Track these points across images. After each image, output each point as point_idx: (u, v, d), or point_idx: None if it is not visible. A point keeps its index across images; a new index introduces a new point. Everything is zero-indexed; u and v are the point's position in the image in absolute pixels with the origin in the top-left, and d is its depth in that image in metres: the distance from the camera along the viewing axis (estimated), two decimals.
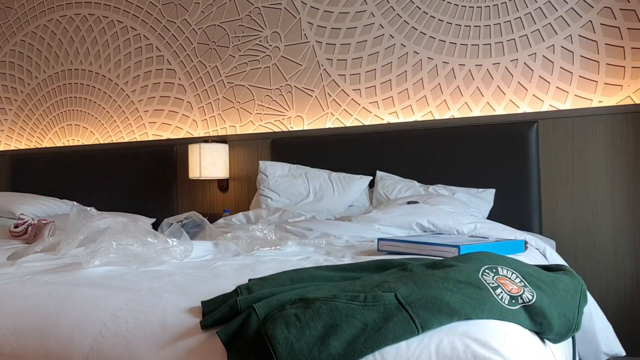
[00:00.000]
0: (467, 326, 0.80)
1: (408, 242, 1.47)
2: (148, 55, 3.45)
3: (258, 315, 0.83)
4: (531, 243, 1.80)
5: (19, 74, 3.92)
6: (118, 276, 1.17)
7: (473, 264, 0.94)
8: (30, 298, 1.05)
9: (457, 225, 1.88)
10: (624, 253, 2.39)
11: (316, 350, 0.76)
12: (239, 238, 1.62)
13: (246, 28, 3.19)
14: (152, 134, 3.46)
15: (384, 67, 2.87)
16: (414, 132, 2.72)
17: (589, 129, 2.45)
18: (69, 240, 1.42)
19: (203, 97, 3.31)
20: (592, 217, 2.44)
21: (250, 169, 3.14)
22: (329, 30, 2.99)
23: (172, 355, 0.87)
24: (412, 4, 2.81)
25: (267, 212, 2.40)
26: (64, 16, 3.74)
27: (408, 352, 0.77)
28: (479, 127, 2.59)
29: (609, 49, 2.45)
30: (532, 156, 2.48)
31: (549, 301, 0.89)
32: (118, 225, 1.41)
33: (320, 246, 1.70)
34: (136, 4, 3.49)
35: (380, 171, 2.72)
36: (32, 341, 0.96)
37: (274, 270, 1.19)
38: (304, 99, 3.05)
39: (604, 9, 2.45)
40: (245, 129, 3.20)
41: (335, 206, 2.57)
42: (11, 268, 1.31)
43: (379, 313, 0.79)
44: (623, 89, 2.43)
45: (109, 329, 0.93)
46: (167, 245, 1.38)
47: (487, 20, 2.66)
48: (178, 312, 0.94)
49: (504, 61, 2.63)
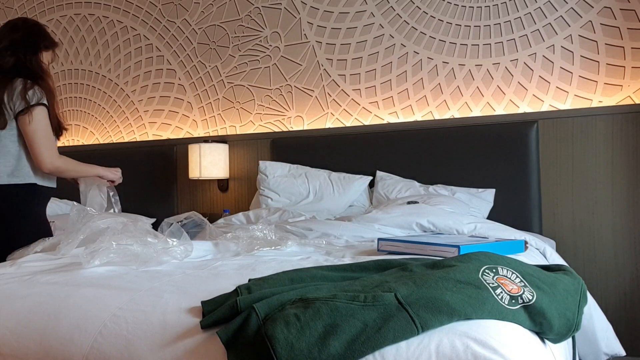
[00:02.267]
0: (467, 326, 0.80)
1: (408, 242, 1.47)
2: (148, 55, 3.45)
3: (258, 315, 0.83)
4: (531, 243, 1.80)
5: None
6: (118, 276, 1.17)
7: (473, 264, 0.94)
8: (30, 298, 1.05)
9: (457, 225, 1.88)
10: (624, 253, 2.39)
11: (316, 350, 0.76)
12: (239, 238, 1.62)
13: (246, 28, 3.19)
14: (152, 134, 3.46)
15: (384, 67, 2.87)
16: (414, 132, 2.72)
17: (589, 129, 2.45)
18: (69, 240, 1.42)
19: (203, 97, 3.31)
20: (592, 217, 2.44)
21: (250, 169, 3.14)
22: (329, 30, 2.99)
23: (172, 355, 0.87)
24: (412, 4, 2.81)
25: (267, 212, 2.40)
26: (64, 16, 3.74)
27: (408, 352, 0.77)
28: (479, 127, 2.59)
29: (609, 49, 2.45)
30: (532, 156, 2.48)
31: (549, 301, 0.89)
32: (118, 225, 1.41)
33: (320, 246, 1.70)
34: (136, 4, 3.49)
35: (380, 171, 2.72)
36: (32, 341, 0.96)
37: (274, 270, 1.19)
38: (304, 99, 3.05)
39: (604, 9, 2.45)
40: (245, 129, 3.20)
41: (335, 206, 2.57)
42: (11, 268, 1.31)
43: (379, 313, 0.79)
44: (623, 89, 2.43)
45: (109, 329, 0.93)
46: (167, 245, 1.38)
47: (487, 20, 2.66)
48: (178, 312, 0.94)
49: (504, 61, 2.63)
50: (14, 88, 1.92)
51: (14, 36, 1.98)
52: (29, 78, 1.95)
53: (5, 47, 1.97)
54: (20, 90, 1.91)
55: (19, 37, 1.99)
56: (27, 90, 1.91)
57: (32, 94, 1.91)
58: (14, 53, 1.97)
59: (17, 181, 1.95)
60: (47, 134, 1.94)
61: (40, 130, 1.92)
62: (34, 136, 1.91)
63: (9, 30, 2.00)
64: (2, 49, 1.96)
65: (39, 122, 1.92)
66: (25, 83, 1.93)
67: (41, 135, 1.92)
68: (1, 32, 2.01)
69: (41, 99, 1.93)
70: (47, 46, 2.06)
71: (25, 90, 1.91)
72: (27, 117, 1.90)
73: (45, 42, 2.05)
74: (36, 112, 1.91)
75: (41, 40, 2.04)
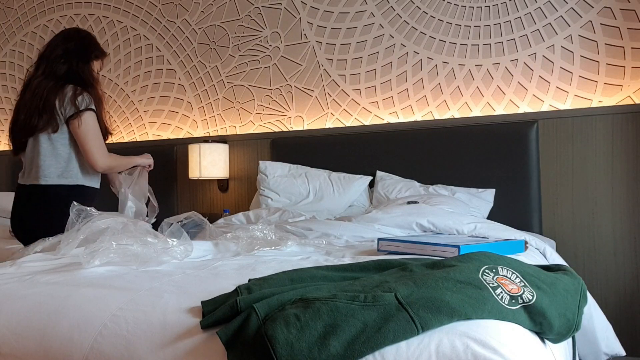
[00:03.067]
0: (467, 326, 0.80)
1: (408, 242, 1.47)
2: (148, 55, 3.45)
3: (258, 315, 0.83)
4: (531, 243, 1.80)
5: (19, 74, 3.92)
6: (118, 276, 1.17)
7: (473, 264, 0.94)
8: (30, 298, 1.05)
9: (457, 225, 1.88)
10: (624, 253, 2.39)
11: (316, 350, 0.76)
12: (239, 238, 1.62)
13: (246, 28, 3.19)
14: (152, 134, 3.46)
15: (384, 67, 2.87)
16: (414, 132, 2.72)
17: (589, 129, 2.45)
18: (69, 240, 1.42)
19: (203, 97, 3.31)
20: (592, 217, 2.44)
21: (250, 169, 3.14)
22: (329, 30, 2.99)
23: (172, 355, 0.87)
24: (412, 4, 2.81)
25: (267, 212, 2.40)
26: (64, 16, 3.74)
27: (408, 352, 0.77)
28: (479, 127, 2.59)
29: (609, 49, 2.45)
30: (532, 156, 2.48)
31: (549, 301, 0.89)
32: (118, 225, 1.41)
33: (320, 246, 1.70)
34: (136, 4, 3.49)
35: (380, 171, 2.72)
36: (32, 341, 0.96)
37: (274, 270, 1.19)
38: (304, 99, 3.05)
39: (604, 9, 2.45)
40: (245, 129, 3.20)
41: (335, 206, 2.57)
42: (11, 268, 1.31)
43: (379, 313, 0.79)
44: (623, 89, 2.43)
45: (109, 329, 0.93)
46: (167, 245, 1.38)
47: (487, 20, 2.66)
48: (178, 312, 0.94)
49: (504, 61, 2.63)
50: (65, 94, 2.04)
51: (68, 45, 2.12)
52: (79, 85, 2.08)
53: (59, 55, 2.10)
54: (71, 96, 2.04)
55: (72, 46, 2.12)
56: (77, 97, 2.03)
57: (82, 100, 2.04)
58: (67, 61, 2.10)
59: (66, 182, 2.07)
60: (97, 136, 2.07)
61: (90, 132, 2.05)
62: (85, 138, 2.04)
63: (63, 39, 2.14)
64: (56, 57, 2.10)
65: (89, 125, 2.04)
66: (75, 89, 2.05)
67: (92, 138, 2.05)
68: (55, 41, 2.15)
69: (89, 105, 2.05)
70: (97, 56, 2.20)
71: (75, 97, 2.03)
72: (77, 121, 2.03)
73: (96, 52, 2.19)
74: (85, 116, 2.04)
75: (92, 50, 2.18)
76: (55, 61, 2.09)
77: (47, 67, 2.09)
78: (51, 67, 2.08)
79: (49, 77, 2.08)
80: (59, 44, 2.12)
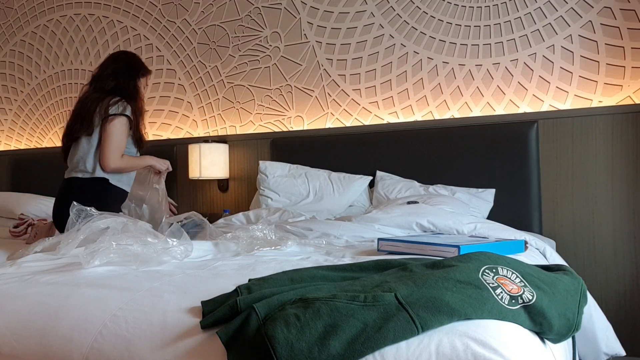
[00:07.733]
0: (467, 326, 0.80)
1: (408, 242, 1.47)
2: (148, 55, 3.45)
3: (258, 315, 0.83)
4: (531, 243, 1.80)
5: (19, 74, 3.92)
6: (118, 276, 1.17)
7: (473, 264, 0.94)
8: (30, 298, 1.05)
9: (457, 225, 1.88)
10: (624, 253, 2.39)
11: (316, 350, 0.76)
12: (239, 238, 1.62)
13: (246, 28, 3.19)
14: (152, 134, 3.46)
15: (384, 67, 2.87)
16: (414, 132, 2.72)
17: (589, 129, 2.45)
18: (69, 240, 1.42)
19: (203, 97, 3.31)
20: (592, 217, 2.44)
21: (250, 169, 3.14)
22: (329, 30, 2.99)
23: (172, 355, 0.87)
24: (412, 4, 2.81)
25: (267, 212, 2.40)
26: (64, 16, 3.74)
27: (408, 352, 0.77)
28: (479, 127, 2.59)
29: (609, 49, 2.45)
30: (532, 156, 2.48)
31: (549, 301, 0.89)
32: (118, 225, 1.41)
33: (320, 246, 1.70)
34: (136, 4, 3.49)
35: (380, 171, 2.72)
36: (32, 341, 0.96)
37: (274, 270, 1.19)
38: (304, 99, 3.05)
39: (604, 9, 2.45)
40: (245, 129, 3.20)
41: (335, 206, 2.57)
42: (11, 268, 1.31)
43: (379, 313, 0.79)
44: (623, 89, 2.43)
45: (109, 329, 0.93)
46: (167, 245, 1.38)
47: (487, 20, 2.66)
48: (178, 312, 0.94)
49: (504, 61, 2.63)
50: (105, 102, 2.25)
51: (117, 65, 2.36)
52: (123, 97, 2.28)
53: (109, 74, 2.33)
54: (109, 103, 2.24)
55: (121, 66, 2.36)
56: (114, 104, 2.24)
57: (116, 107, 2.23)
58: (115, 78, 2.33)
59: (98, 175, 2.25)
60: (117, 139, 2.22)
61: (112, 134, 2.21)
62: (106, 139, 2.21)
63: (112, 61, 2.38)
64: (106, 75, 2.33)
65: (114, 128, 2.22)
66: (114, 98, 2.26)
67: (111, 139, 2.21)
68: (106, 62, 2.39)
69: (122, 111, 2.23)
70: (143, 74, 2.42)
71: (112, 104, 2.24)
72: (107, 124, 2.22)
73: (142, 71, 2.42)
74: (115, 120, 2.22)
75: (138, 68, 2.41)
76: (105, 79, 2.32)
77: (98, 84, 2.32)
78: (101, 84, 2.31)
79: (97, 91, 2.30)
80: (109, 65, 2.36)
